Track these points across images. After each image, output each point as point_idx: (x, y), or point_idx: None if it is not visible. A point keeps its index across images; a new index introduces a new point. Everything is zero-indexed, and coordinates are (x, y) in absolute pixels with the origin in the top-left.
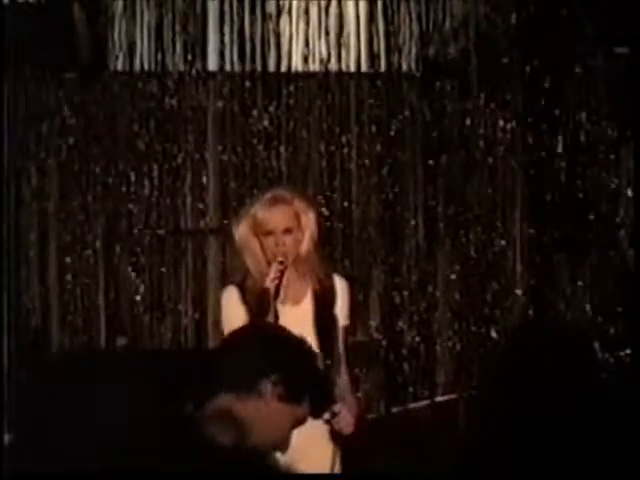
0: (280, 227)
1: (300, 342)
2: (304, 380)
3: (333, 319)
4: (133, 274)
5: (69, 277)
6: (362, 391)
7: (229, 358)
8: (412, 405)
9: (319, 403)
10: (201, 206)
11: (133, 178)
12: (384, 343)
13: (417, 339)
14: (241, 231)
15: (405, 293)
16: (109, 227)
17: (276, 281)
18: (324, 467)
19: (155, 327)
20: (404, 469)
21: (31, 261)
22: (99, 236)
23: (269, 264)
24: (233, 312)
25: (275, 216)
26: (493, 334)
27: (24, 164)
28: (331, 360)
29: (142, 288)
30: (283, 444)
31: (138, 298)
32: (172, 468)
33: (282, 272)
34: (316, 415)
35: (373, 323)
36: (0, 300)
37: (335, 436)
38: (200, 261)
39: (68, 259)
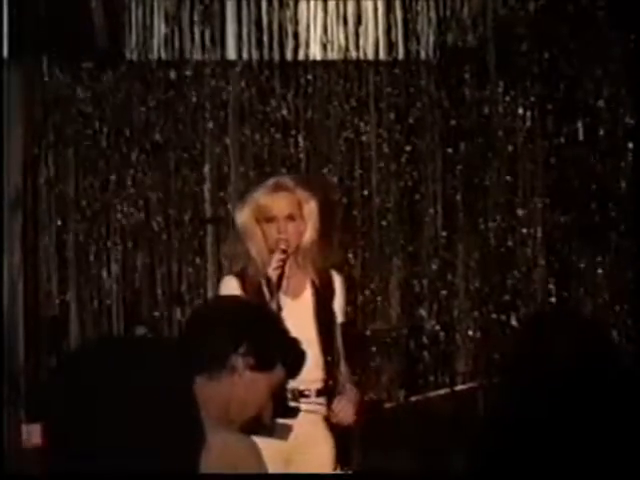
0: (282, 213)
1: (259, 307)
2: (272, 344)
3: (332, 314)
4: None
5: (86, 266)
6: (383, 379)
7: (194, 342)
8: (432, 393)
9: (293, 363)
10: (221, 195)
11: (151, 167)
12: (404, 331)
13: (437, 327)
14: (243, 217)
15: (425, 281)
16: (126, 216)
17: (278, 270)
18: (325, 461)
19: (173, 316)
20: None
21: (49, 250)
22: (116, 225)
23: (271, 253)
24: None
25: (277, 202)
26: (513, 322)
27: (41, 153)
28: (331, 355)
29: (160, 277)
30: (264, 413)
31: (157, 288)
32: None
33: (284, 261)
34: (292, 376)
35: (393, 311)
36: (16, 289)
37: (335, 428)
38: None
39: (85, 248)
